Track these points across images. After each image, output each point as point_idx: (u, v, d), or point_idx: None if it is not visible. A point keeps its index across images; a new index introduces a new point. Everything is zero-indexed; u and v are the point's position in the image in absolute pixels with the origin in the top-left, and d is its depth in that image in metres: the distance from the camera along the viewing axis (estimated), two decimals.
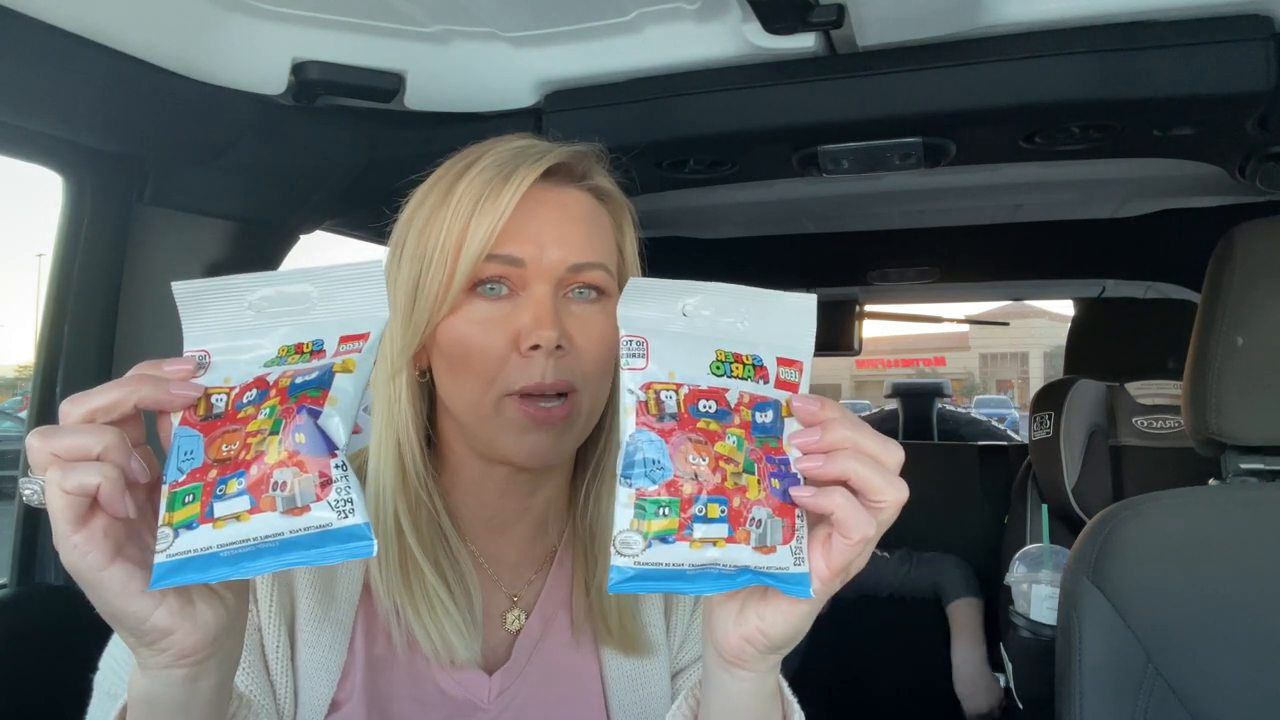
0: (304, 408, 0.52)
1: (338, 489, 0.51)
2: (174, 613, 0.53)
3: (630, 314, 0.55)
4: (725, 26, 1.03)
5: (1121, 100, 1.03)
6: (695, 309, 0.55)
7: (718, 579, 0.53)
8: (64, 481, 0.49)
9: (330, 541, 0.51)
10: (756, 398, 0.55)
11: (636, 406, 0.53)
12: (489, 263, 0.72)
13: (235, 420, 0.53)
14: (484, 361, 0.73)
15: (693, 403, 0.54)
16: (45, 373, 1.17)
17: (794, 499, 0.54)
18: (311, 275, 0.55)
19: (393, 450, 0.77)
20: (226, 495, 0.50)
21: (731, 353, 0.55)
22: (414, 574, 0.75)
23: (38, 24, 0.85)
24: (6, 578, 1.19)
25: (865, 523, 0.53)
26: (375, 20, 1.02)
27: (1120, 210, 1.96)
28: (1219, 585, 1.02)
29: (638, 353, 0.54)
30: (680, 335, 0.55)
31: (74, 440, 0.50)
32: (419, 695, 0.78)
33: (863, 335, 2.84)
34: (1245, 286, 1.08)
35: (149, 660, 0.54)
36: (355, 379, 0.54)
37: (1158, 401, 1.92)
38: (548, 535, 0.86)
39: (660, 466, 0.52)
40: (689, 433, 0.53)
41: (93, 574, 0.50)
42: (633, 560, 0.51)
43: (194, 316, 0.54)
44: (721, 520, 0.52)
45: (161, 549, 0.50)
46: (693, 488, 0.52)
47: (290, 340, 0.55)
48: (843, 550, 0.54)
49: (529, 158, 0.75)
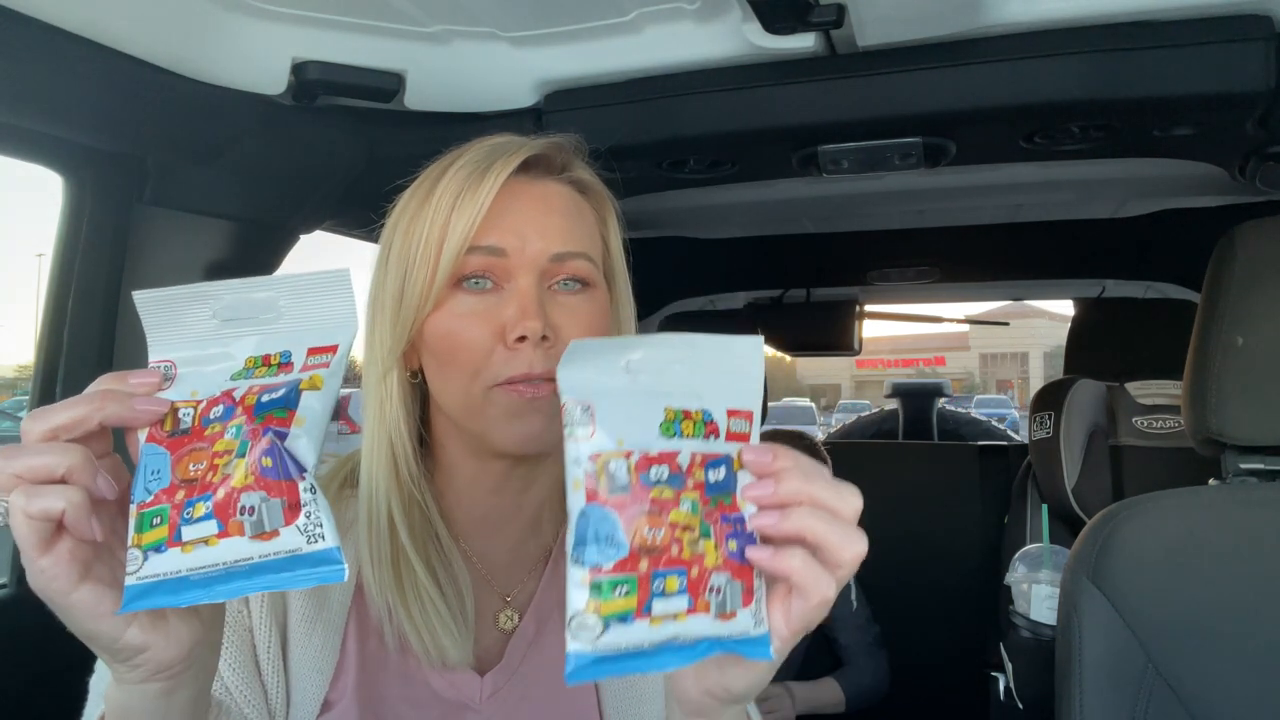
0: (270, 429, 0.52)
1: (306, 513, 0.51)
2: (147, 630, 0.52)
3: (571, 376, 0.51)
4: (725, 26, 1.03)
5: (1121, 100, 1.03)
6: (639, 364, 0.52)
7: (677, 652, 0.50)
8: (28, 506, 0.48)
9: (300, 565, 0.50)
10: (708, 456, 0.52)
11: (585, 480, 0.50)
12: (471, 255, 0.73)
13: (202, 438, 0.52)
14: (470, 354, 0.73)
15: (644, 470, 0.51)
16: (45, 373, 1.17)
17: (750, 560, 0.52)
18: (276, 283, 0.54)
19: (385, 450, 0.77)
20: (194, 519, 0.50)
21: (680, 409, 0.52)
22: (406, 573, 0.75)
23: (38, 24, 0.85)
24: (6, 578, 1.19)
25: (825, 583, 0.51)
26: (375, 20, 1.02)
27: (1120, 210, 1.96)
28: (1219, 585, 1.02)
29: (583, 421, 0.51)
30: (626, 394, 0.51)
31: (36, 460, 0.48)
32: (411, 696, 0.77)
33: (863, 335, 2.84)
34: (1245, 286, 1.08)
35: (124, 675, 0.54)
36: (323, 396, 0.53)
37: (1158, 401, 1.92)
38: (541, 535, 0.86)
39: (614, 543, 0.49)
40: (642, 504, 0.50)
41: (61, 597, 0.50)
42: (590, 645, 0.48)
43: (158, 326, 0.53)
44: (680, 593, 0.50)
45: (132, 571, 0.49)
46: (649, 563, 0.50)
47: (258, 351, 0.54)
48: (802, 612, 0.52)
49: (506, 151, 0.76)
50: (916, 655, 2.36)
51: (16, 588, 1.19)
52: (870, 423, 4.03)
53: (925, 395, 4.01)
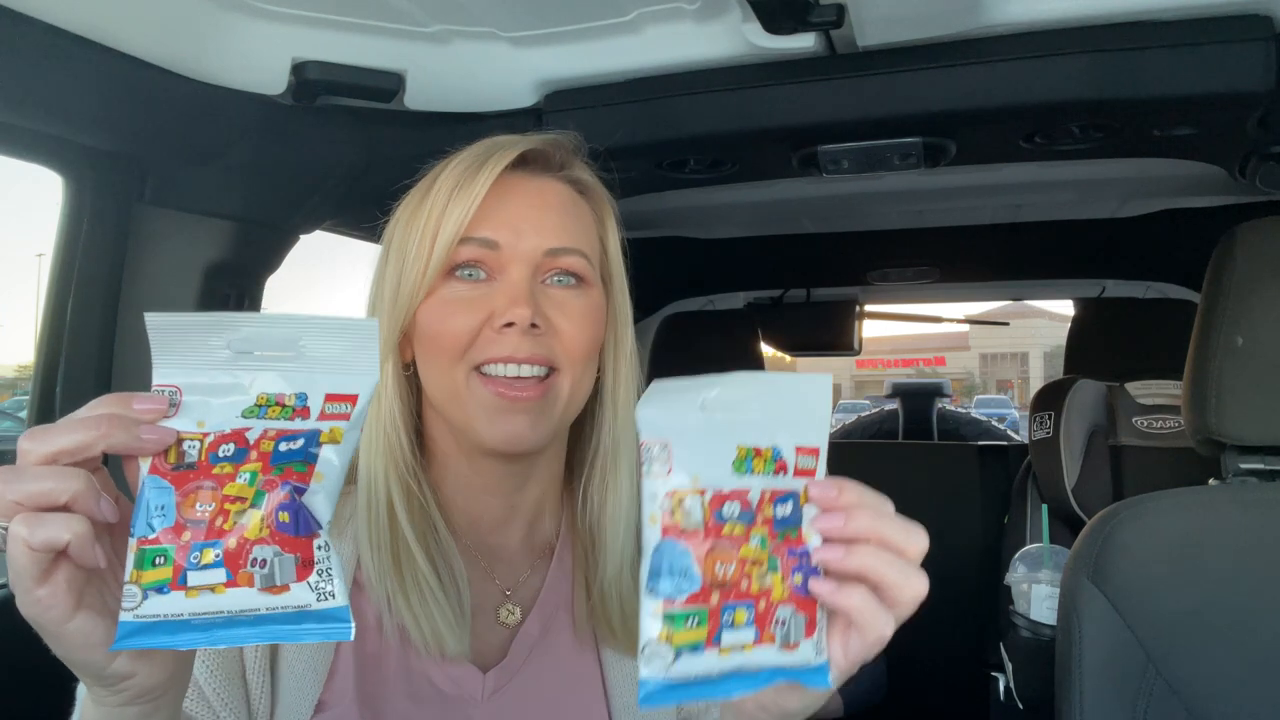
0: (289, 483, 0.51)
1: (319, 570, 0.51)
2: (134, 658, 0.52)
3: (651, 415, 0.53)
4: (725, 26, 1.03)
5: (1121, 100, 1.03)
6: (714, 402, 0.54)
7: (743, 680, 0.53)
8: (31, 537, 0.46)
9: (308, 620, 0.50)
10: (777, 492, 0.55)
11: (661, 516, 0.53)
12: (464, 246, 0.74)
13: (210, 475, 0.50)
14: (456, 338, 0.74)
15: (717, 508, 0.53)
16: (45, 373, 1.17)
17: (813, 593, 0.55)
18: (300, 322, 0.52)
19: (381, 441, 0.78)
20: (202, 565, 0.49)
21: (752, 448, 0.54)
22: (405, 560, 0.76)
23: (38, 24, 0.85)
24: (6, 578, 1.19)
25: (882, 621, 0.53)
26: (375, 20, 1.02)
27: (1120, 210, 1.96)
28: (1219, 585, 1.02)
29: (660, 458, 0.53)
30: (700, 432, 0.54)
31: (39, 486, 0.47)
32: (413, 691, 0.78)
33: (863, 335, 2.84)
34: (1245, 286, 1.08)
35: (105, 699, 0.54)
36: (342, 451, 0.53)
37: (1158, 401, 1.92)
38: (542, 530, 0.87)
39: (688, 576, 0.52)
40: (715, 539, 0.53)
41: (56, 626, 0.48)
42: (662, 673, 0.51)
43: (167, 350, 0.50)
44: (748, 625, 0.53)
45: (129, 608, 0.48)
46: (720, 596, 0.52)
47: (271, 389, 0.51)
48: (859, 647, 0.55)
49: (502, 147, 0.77)
50: (916, 655, 2.36)
51: None
52: (870, 423, 4.03)
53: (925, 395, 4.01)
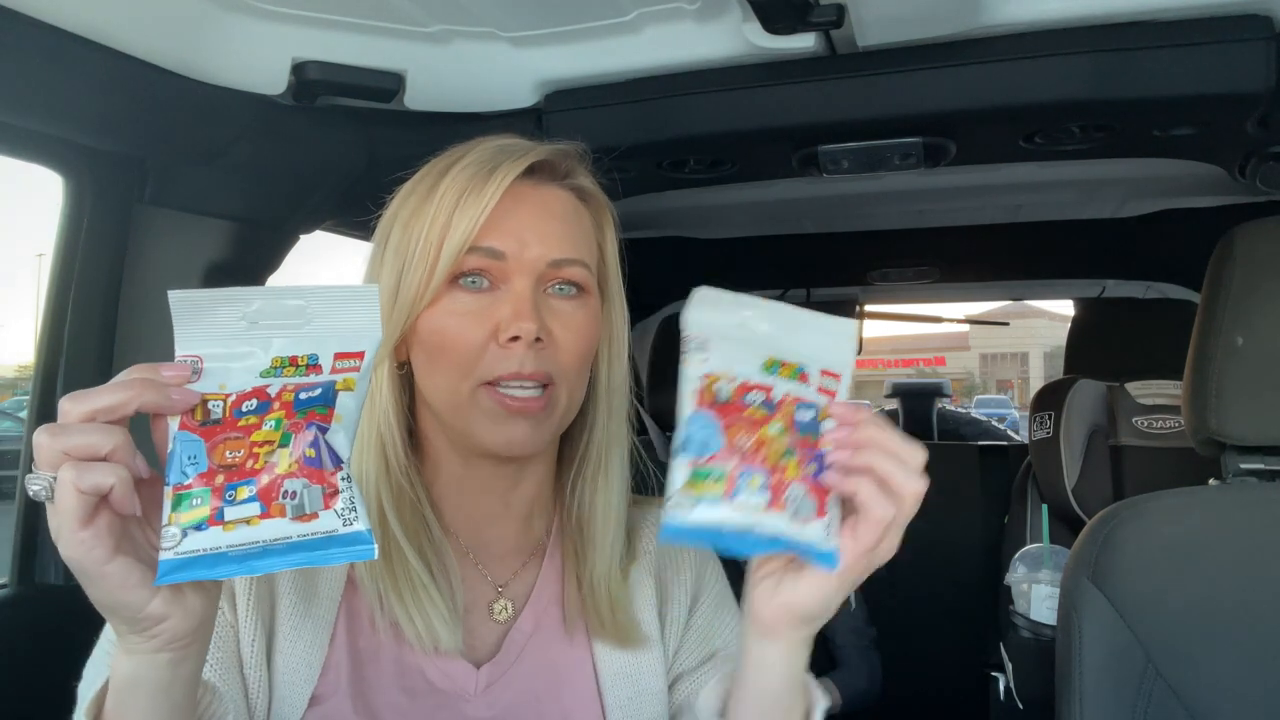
0: (313, 424, 0.57)
1: (343, 499, 0.57)
2: (168, 601, 0.56)
3: (698, 316, 0.60)
4: (725, 26, 1.03)
5: (1121, 100, 1.03)
6: (752, 320, 0.61)
7: (755, 543, 0.59)
8: (79, 481, 0.51)
9: (334, 545, 0.56)
10: (799, 399, 0.61)
11: (697, 392, 0.60)
12: (470, 255, 0.75)
13: (236, 428, 0.56)
14: (462, 351, 0.74)
15: (744, 393, 0.60)
16: (45, 373, 1.17)
17: (824, 482, 0.60)
18: (308, 292, 0.58)
19: (374, 441, 0.79)
20: (237, 500, 0.55)
21: (780, 359, 0.61)
22: (397, 560, 0.76)
23: (38, 24, 0.85)
24: (6, 578, 1.19)
25: (885, 505, 0.59)
26: (375, 20, 1.02)
27: (1120, 210, 1.96)
28: (1219, 585, 1.02)
29: (699, 349, 0.60)
30: (738, 338, 0.60)
31: (84, 439, 0.52)
32: (406, 685, 0.78)
33: (863, 335, 2.84)
34: (1245, 286, 1.08)
35: (138, 645, 0.57)
36: (356, 397, 0.59)
37: (1158, 401, 1.92)
38: (534, 528, 0.88)
39: (712, 440, 0.59)
40: (739, 415, 0.60)
41: (96, 567, 0.53)
42: (682, 518, 0.58)
43: (188, 324, 0.56)
44: (763, 489, 0.59)
45: (169, 547, 0.53)
46: (740, 461, 0.59)
47: (285, 352, 0.57)
48: (867, 531, 0.60)
49: (512, 154, 0.77)
50: (916, 655, 2.36)
51: (16, 588, 1.19)
52: None
53: (925, 395, 4.02)
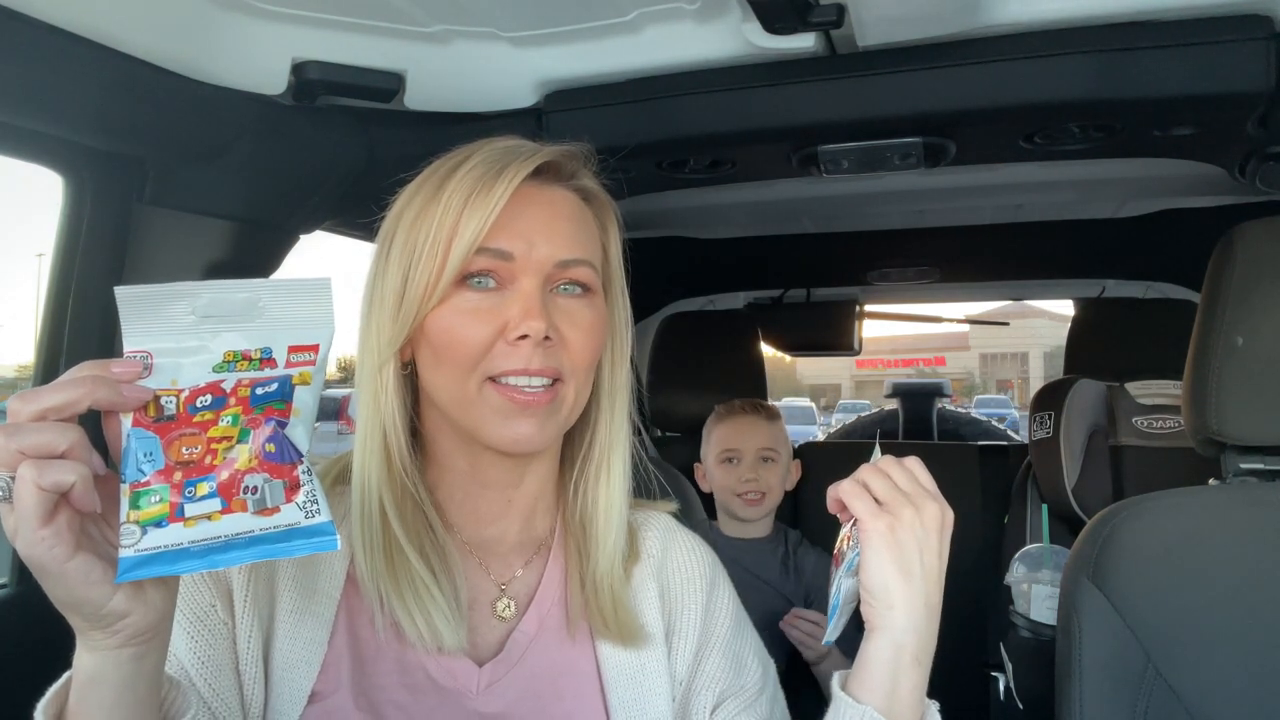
0: (271, 419, 0.58)
1: (305, 492, 0.57)
2: (130, 597, 0.56)
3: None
4: (725, 26, 1.03)
5: (1121, 100, 1.03)
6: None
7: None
8: (40, 479, 0.51)
9: (297, 537, 0.56)
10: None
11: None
12: (479, 255, 0.75)
13: (191, 424, 0.56)
14: (470, 349, 0.75)
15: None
16: (45, 373, 1.16)
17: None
18: (256, 285, 0.58)
19: (378, 441, 0.79)
20: (197, 497, 0.55)
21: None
22: (399, 561, 0.77)
23: (38, 24, 0.85)
24: (6, 578, 1.19)
25: None
26: (375, 20, 1.02)
27: (1120, 210, 1.96)
28: (1219, 585, 1.02)
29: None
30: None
31: (40, 438, 0.52)
32: (409, 683, 0.78)
33: (863, 335, 2.84)
34: (1245, 286, 1.08)
35: (100, 642, 0.57)
36: (313, 391, 0.59)
37: (1158, 401, 1.92)
38: (536, 527, 0.88)
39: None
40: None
41: (58, 565, 0.53)
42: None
43: (135, 319, 0.56)
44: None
45: (129, 544, 0.53)
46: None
47: (236, 346, 0.58)
48: None
49: (519, 156, 0.78)
50: None
51: (16, 588, 1.19)
52: (870, 423, 4.03)
53: (925, 395, 4.02)
